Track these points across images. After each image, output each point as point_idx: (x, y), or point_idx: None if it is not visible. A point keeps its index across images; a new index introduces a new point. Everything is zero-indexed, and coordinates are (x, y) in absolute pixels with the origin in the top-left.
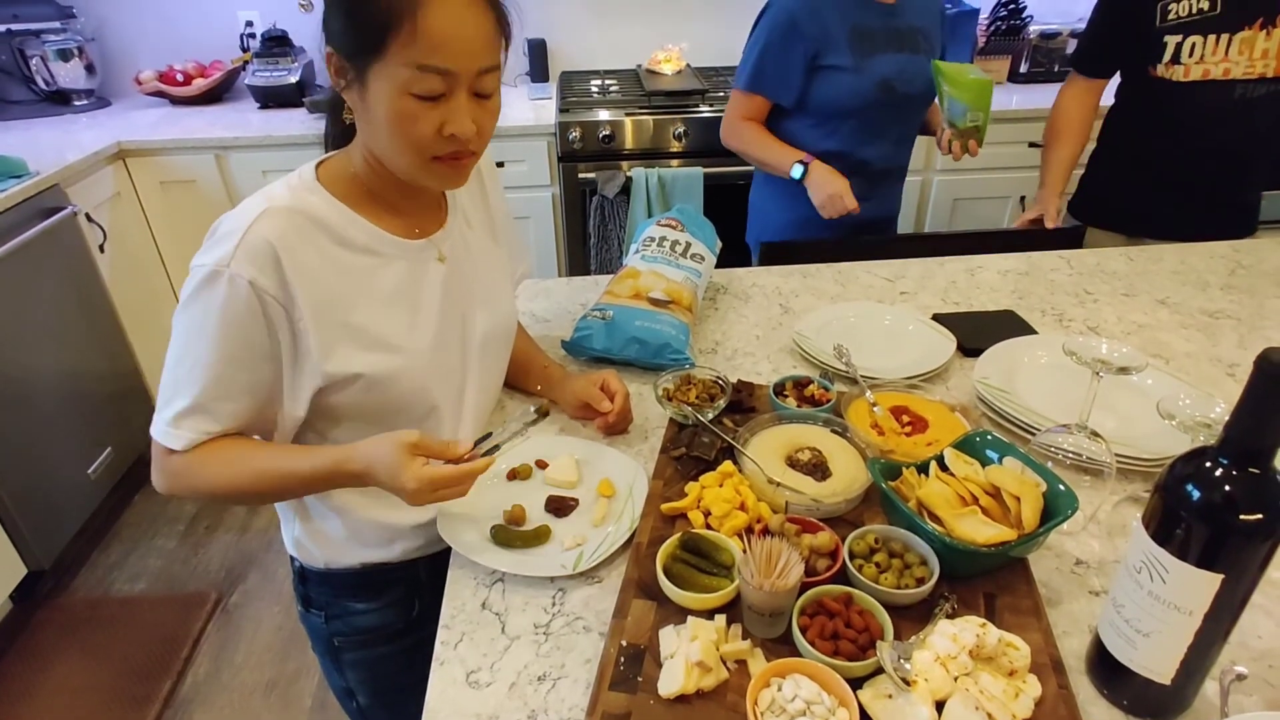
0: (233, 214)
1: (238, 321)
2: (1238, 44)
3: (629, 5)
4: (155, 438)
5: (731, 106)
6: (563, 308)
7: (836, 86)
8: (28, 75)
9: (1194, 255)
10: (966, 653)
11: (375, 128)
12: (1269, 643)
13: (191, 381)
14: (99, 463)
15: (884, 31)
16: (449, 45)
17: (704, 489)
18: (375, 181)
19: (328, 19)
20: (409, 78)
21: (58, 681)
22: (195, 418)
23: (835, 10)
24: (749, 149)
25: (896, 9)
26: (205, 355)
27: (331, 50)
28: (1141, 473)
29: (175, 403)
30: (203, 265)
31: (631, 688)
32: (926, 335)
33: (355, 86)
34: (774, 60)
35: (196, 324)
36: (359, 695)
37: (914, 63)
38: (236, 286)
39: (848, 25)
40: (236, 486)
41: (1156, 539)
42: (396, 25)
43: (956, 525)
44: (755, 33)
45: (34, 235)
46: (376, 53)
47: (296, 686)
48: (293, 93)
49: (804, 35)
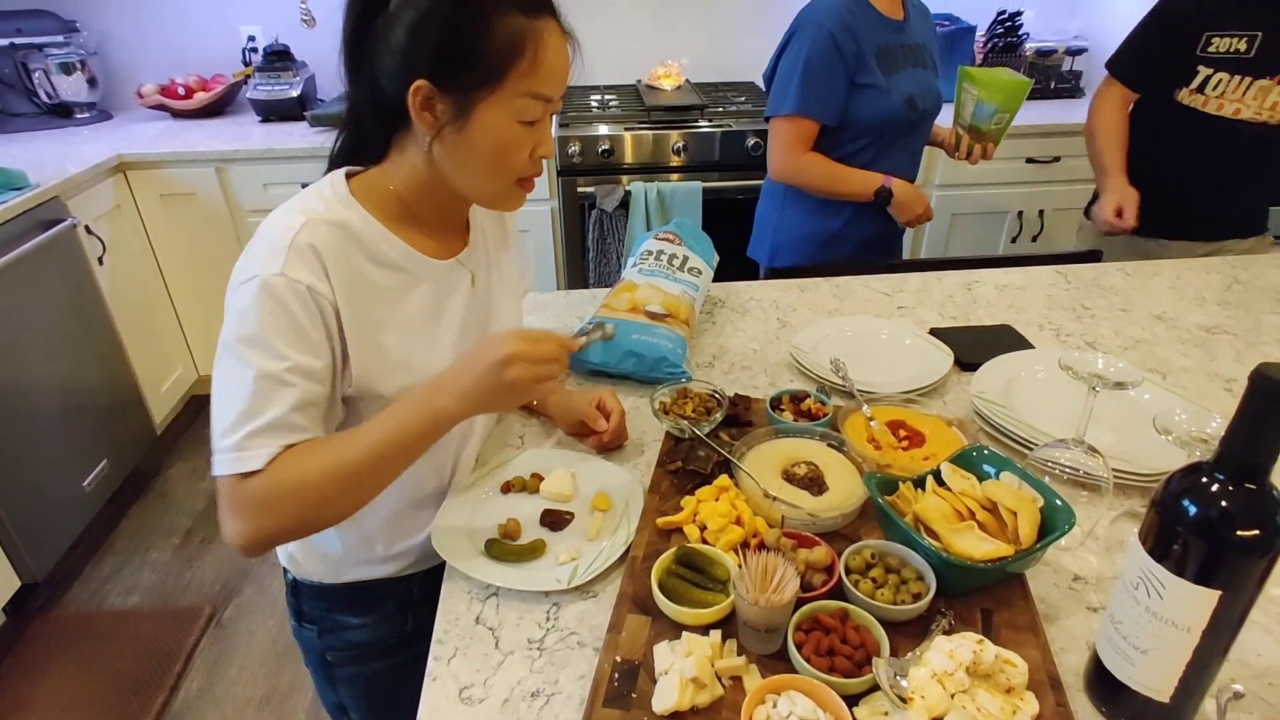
0: (272, 226)
1: (300, 326)
2: (1255, 90)
3: (629, 21)
4: (224, 472)
5: (780, 138)
6: (561, 320)
7: (870, 105)
8: (30, 88)
9: (1190, 271)
10: (963, 669)
11: (469, 155)
12: (1268, 660)
13: (261, 395)
14: (94, 475)
15: (901, 48)
16: (557, 74)
17: (700, 503)
18: (415, 201)
19: (423, 54)
20: (523, 106)
21: (51, 695)
22: (270, 433)
23: (864, 28)
24: (816, 182)
25: (905, 26)
26: (271, 365)
27: (425, 83)
28: (1139, 488)
29: (246, 424)
30: (255, 276)
31: (626, 704)
32: (923, 349)
33: (451, 117)
34: (819, 80)
35: (259, 335)
36: (351, 711)
37: (927, 78)
38: (296, 291)
39: (874, 43)
40: (336, 478)
41: (1154, 555)
42: (518, 56)
43: (953, 540)
44: (788, 56)
45: (33, 247)
46: (494, 83)
47: (290, 702)
48: (294, 106)
49: (843, 53)
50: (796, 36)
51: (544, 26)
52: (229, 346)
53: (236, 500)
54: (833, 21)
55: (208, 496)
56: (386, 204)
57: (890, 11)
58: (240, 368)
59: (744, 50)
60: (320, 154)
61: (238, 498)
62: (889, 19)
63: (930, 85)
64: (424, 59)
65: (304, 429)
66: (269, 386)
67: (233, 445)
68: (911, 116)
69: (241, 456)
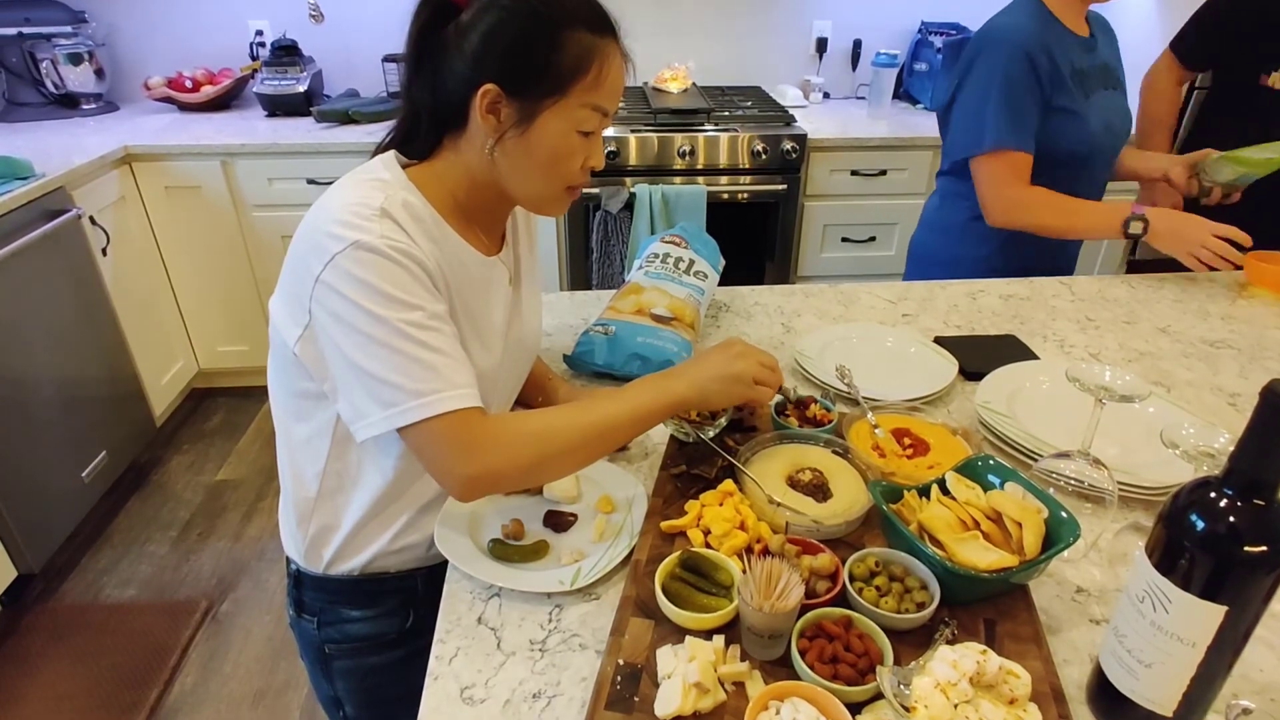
0: (345, 202)
1: (416, 277)
2: None
3: (636, 23)
4: (443, 409)
5: (988, 179)
6: (565, 322)
7: (1064, 132)
8: (37, 78)
9: (1195, 284)
10: (967, 680)
11: (527, 159)
12: (1271, 676)
13: (423, 344)
14: (93, 467)
15: (1093, 69)
16: (616, 91)
17: (704, 507)
18: (465, 198)
19: (495, 61)
20: (583, 117)
21: (44, 687)
22: (457, 369)
23: (1058, 46)
24: (1047, 219)
25: (1093, 44)
26: (411, 315)
27: (494, 87)
28: (1143, 501)
29: (431, 367)
30: (353, 243)
31: (628, 707)
32: (928, 358)
33: (515, 122)
34: (1018, 106)
35: (388, 293)
36: (347, 704)
37: (1119, 101)
38: (398, 249)
39: (1069, 64)
40: (578, 431)
41: (1160, 569)
42: (584, 71)
43: (958, 550)
44: (974, 82)
45: (37, 237)
46: (559, 93)
47: (285, 698)
48: (300, 102)
49: (1039, 74)
50: (981, 59)
51: (608, 46)
52: (359, 315)
53: (466, 438)
54: (1027, 39)
55: (206, 490)
56: (442, 197)
57: (1078, 28)
58: (385, 330)
59: (751, 54)
60: (325, 149)
61: (468, 436)
62: (1079, 36)
63: (1122, 108)
64: (495, 65)
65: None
66: (424, 334)
67: (433, 389)
68: (1108, 144)
69: (451, 395)
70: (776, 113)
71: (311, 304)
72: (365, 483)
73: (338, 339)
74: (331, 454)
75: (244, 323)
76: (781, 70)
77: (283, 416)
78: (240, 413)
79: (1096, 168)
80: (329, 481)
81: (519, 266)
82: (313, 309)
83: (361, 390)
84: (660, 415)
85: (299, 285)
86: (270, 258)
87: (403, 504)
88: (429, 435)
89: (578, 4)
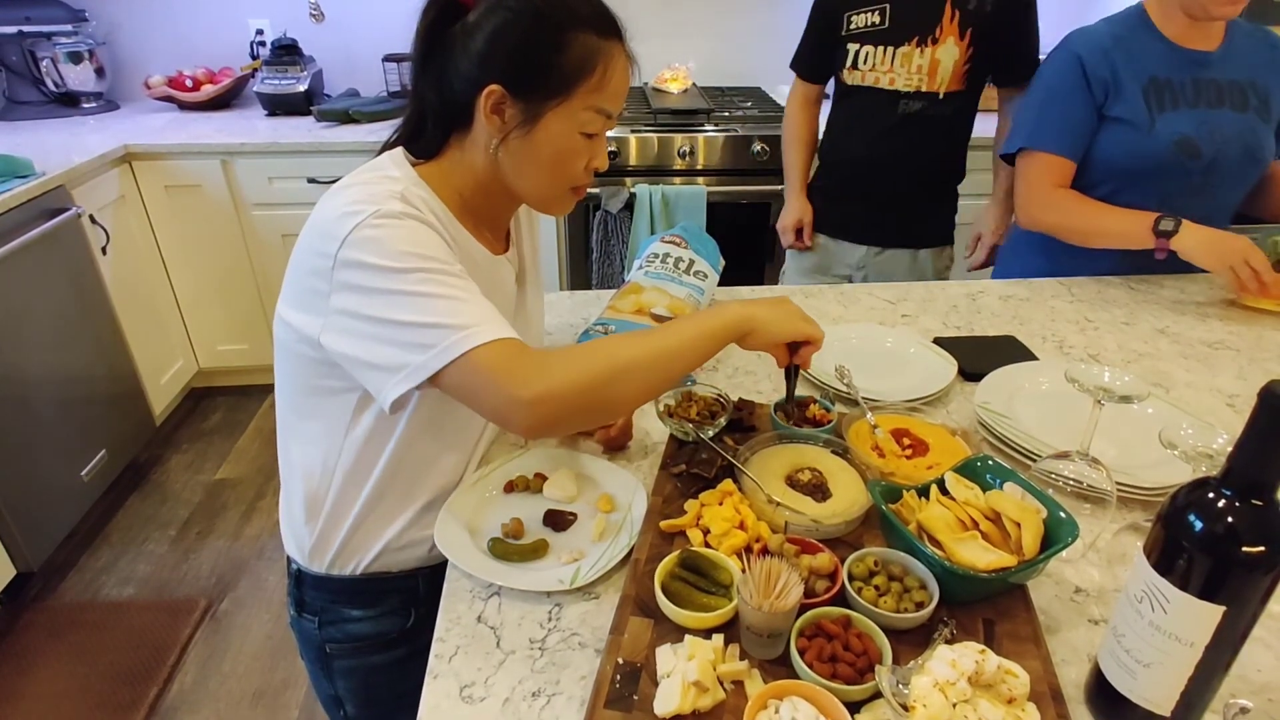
0: (361, 191)
1: (435, 236)
2: (900, 57)
3: (636, 23)
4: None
5: (1022, 179)
6: (565, 321)
7: (1118, 143)
8: (37, 77)
9: (1194, 285)
10: (965, 679)
11: (531, 159)
12: (1268, 676)
13: (451, 285)
14: (92, 465)
15: (1194, 83)
16: (620, 93)
17: (703, 507)
18: (472, 197)
19: (500, 61)
20: (587, 119)
21: (43, 685)
22: (488, 307)
23: (1134, 56)
24: (1069, 221)
25: (1212, 59)
26: (432, 265)
27: (499, 88)
28: (1141, 501)
29: (463, 305)
30: (373, 210)
31: (627, 706)
32: (927, 358)
33: (519, 122)
34: (1058, 110)
35: (408, 251)
36: (347, 703)
37: (1231, 122)
38: (416, 216)
39: (1146, 73)
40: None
41: (1158, 569)
42: (589, 72)
43: (957, 550)
44: (1034, 85)
45: (37, 236)
46: (563, 95)
47: (284, 697)
48: (301, 101)
49: (1091, 81)
50: (1045, 62)
51: (613, 48)
52: (383, 277)
53: (520, 362)
54: (1086, 46)
55: (205, 489)
56: (448, 196)
57: (1187, 40)
58: (412, 280)
59: (752, 55)
60: (325, 149)
61: (521, 360)
62: (1183, 49)
63: (1232, 131)
64: (500, 66)
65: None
66: (455, 279)
67: (472, 321)
68: (1185, 163)
69: (492, 327)
70: (776, 113)
71: (332, 288)
72: (370, 482)
73: (364, 309)
74: (338, 453)
75: (244, 322)
76: (781, 70)
77: (290, 415)
78: (240, 412)
79: (1172, 190)
80: (334, 481)
81: (524, 266)
82: (333, 295)
83: (393, 346)
84: (723, 336)
85: (314, 278)
86: (270, 257)
87: (406, 503)
88: (477, 368)
89: (583, 6)
